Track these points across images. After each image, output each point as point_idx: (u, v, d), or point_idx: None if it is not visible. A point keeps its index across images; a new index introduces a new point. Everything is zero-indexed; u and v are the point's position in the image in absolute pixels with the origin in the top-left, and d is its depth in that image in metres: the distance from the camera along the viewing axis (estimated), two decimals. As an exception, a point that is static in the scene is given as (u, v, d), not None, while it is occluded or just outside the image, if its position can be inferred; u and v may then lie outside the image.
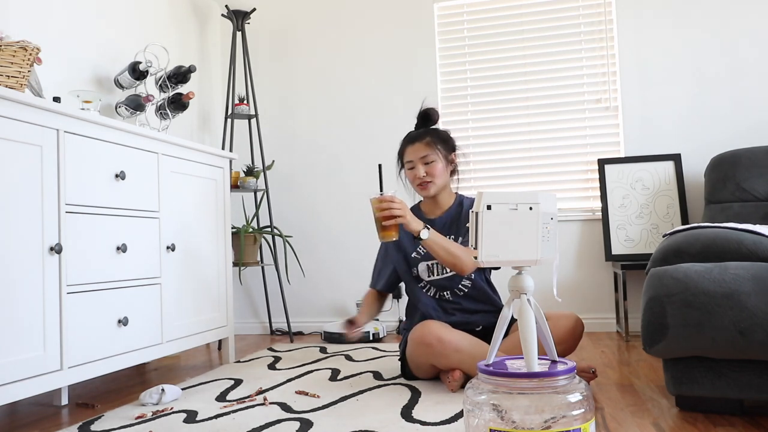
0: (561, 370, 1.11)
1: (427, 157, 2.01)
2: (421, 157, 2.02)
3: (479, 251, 1.13)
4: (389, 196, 1.82)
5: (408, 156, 2.05)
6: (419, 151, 2.03)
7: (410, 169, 2.05)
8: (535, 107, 3.19)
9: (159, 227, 2.15)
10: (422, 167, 2.02)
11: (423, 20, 3.33)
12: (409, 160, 2.04)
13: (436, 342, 1.83)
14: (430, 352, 1.85)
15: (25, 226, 1.61)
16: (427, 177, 2.02)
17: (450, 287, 2.03)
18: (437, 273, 2.04)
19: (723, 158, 2.62)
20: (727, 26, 2.96)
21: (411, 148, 2.05)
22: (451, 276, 2.02)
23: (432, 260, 2.04)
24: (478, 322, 2.02)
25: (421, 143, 2.04)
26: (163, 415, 1.69)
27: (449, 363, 1.84)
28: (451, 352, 1.82)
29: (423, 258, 2.05)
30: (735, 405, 1.52)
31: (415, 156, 2.03)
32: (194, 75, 3.20)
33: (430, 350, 1.85)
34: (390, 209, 1.79)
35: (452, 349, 1.82)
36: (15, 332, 1.56)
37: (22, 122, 1.60)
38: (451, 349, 1.82)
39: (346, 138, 3.41)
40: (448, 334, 1.85)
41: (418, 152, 2.02)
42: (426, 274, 2.05)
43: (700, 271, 1.48)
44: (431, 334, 1.84)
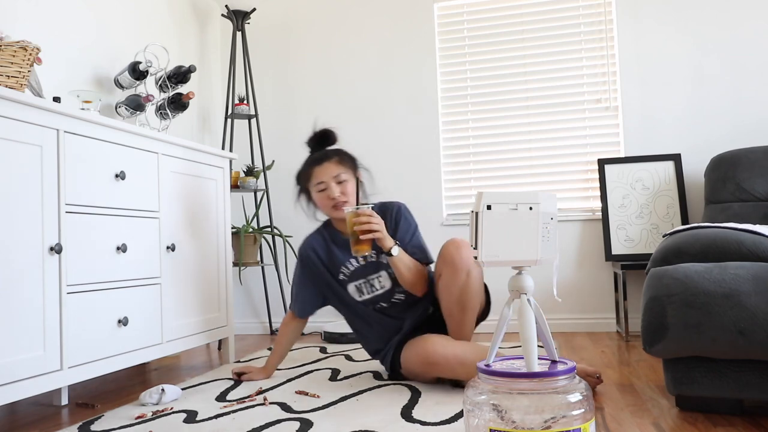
0: (561, 370, 1.11)
1: (339, 176, 1.96)
2: (334, 176, 1.95)
3: (479, 251, 1.13)
4: (368, 210, 1.81)
5: (318, 177, 1.96)
6: (330, 170, 1.96)
7: (321, 190, 1.96)
8: (535, 107, 3.19)
9: (159, 227, 2.15)
10: (336, 187, 1.95)
11: (423, 20, 3.33)
12: (321, 181, 1.96)
13: (442, 360, 1.80)
14: (436, 370, 1.83)
15: (25, 226, 1.61)
16: (341, 197, 1.95)
17: (386, 299, 2.00)
18: (367, 292, 2.00)
19: (723, 158, 2.62)
20: (727, 26, 2.96)
21: (320, 168, 1.96)
22: (384, 293, 1.99)
23: (359, 280, 1.99)
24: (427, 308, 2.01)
25: (330, 162, 1.97)
26: (163, 415, 1.69)
27: (455, 376, 1.82)
28: (456, 366, 1.79)
29: (350, 279, 2.00)
30: (735, 405, 1.52)
31: (326, 176, 1.95)
32: (194, 75, 3.20)
33: (436, 368, 1.82)
34: (369, 223, 1.79)
35: (457, 363, 1.79)
36: (15, 332, 1.56)
37: (22, 122, 1.60)
38: (456, 364, 1.79)
39: (345, 138, 3.40)
40: (451, 350, 1.81)
41: (330, 172, 1.95)
42: (357, 294, 2.01)
43: (700, 271, 1.48)
44: (436, 354, 1.81)
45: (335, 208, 1.96)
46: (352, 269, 2.00)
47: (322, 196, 1.97)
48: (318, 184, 1.96)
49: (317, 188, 1.97)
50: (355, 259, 1.99)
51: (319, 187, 1.97)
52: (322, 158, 1.99)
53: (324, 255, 2.04)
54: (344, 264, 2.01)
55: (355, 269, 2.00)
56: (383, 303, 2.00)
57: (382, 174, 3.34)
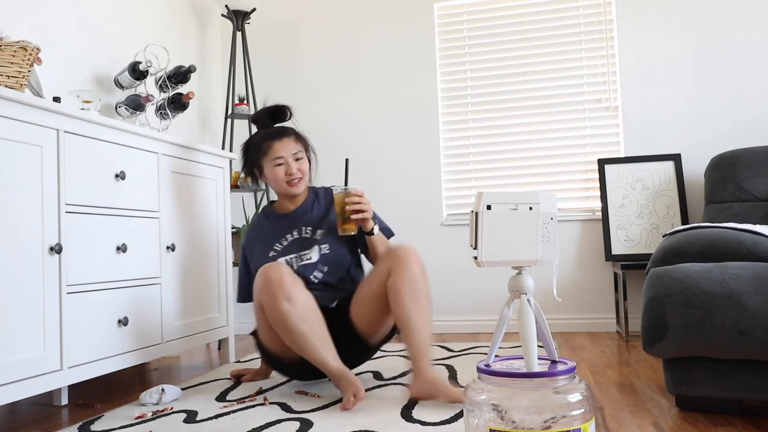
0: (561, 370, 1.11)
1: (297, 153, 1.97)
2: (294, 153, 1.96)
3: (479, 251, 1.13)
4: (359, 191, 1.84)
5: (278, 152, 1.94)
6: (290, 146, 1.96)
7: (278, 165, 1.95)
8: (535, 107, 3.19)
9: (159, 227, 2.15)
10: (294, 163, 1.95)
11: (423, 20, 3.33)
12: (279, 156, 1.94)
13: (276, 279, 1.71)
14: (265, 287, 1.72)
15: (25, 226, 1.61)
16: (298, 173, 1.96)
17: (304, 275, 1.92)
18: (295, 265, 1.96)
19: (723, 158, 2.62)
20: (727, 26, 2.96)
21: (280, 143, 1.95)
22: (306, 265, 1.94)
23: (290, 255, 1.96)
24: (330, 299, 1.94)
25: (289, 138, 1.97)
26: (163, 415, 1.69)
27: (276, 308, 1.71)
28: (282, 298, 1.69)
29: (281, 253, 1.97)
30: (735, 405, 1.52)
31: (286, 152, 1.95)
32: (194, 75, 3.19)
33: (266, 285, 1.72)
34: (359, 204, 1.82)
35: (286, 295, 1.70)
36: (15, 332, 1.56)
37: (22, 122, 1.60)
38: (284, 295, 1.70)
39: (345, 138, 3.41)
40: (291, 282, 1.73)
41: (289, 147, 1.95)
42: None
43: (700, 271, 1.48)
44: (277, 270, 1.72)
45: (290, 184, 1.96)
46: (285, 244, 1.99)
47: (278, 171, 1.95)
48: (276, 158, 1.95)
49: (274, 162, 1.95)
50: (290, 234, 1.99)
51: (277, 162, 1.95)
52: (280, 133, 1.98)
53: (259, 232, 2.04)
54: (279, 240, 1.99)
55: (291, 243, 1.99)
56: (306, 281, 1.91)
57: (382, 174, 3.34)
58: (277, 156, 1.95)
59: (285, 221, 2.03)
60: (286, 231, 2.01)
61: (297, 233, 2.00)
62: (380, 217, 2.04)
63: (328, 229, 1.99)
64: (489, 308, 3.15)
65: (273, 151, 1.95)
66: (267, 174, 2.00)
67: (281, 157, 1.95)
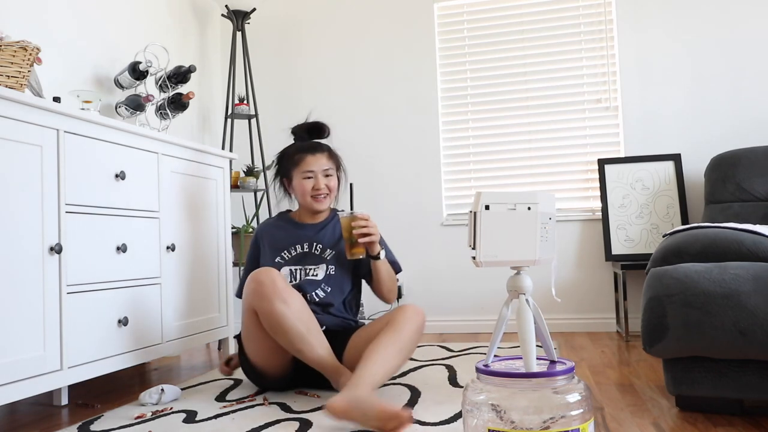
0: (560, 370, 1.11)
1: (328, 170, 2.00)
2: (324, 169, 1.99)
3: (477, 251, 1.13)
4: (366, 214, 1.86)
5: (309, 165, 1.98)
6: (322, 162, 1.99)
7: (307, 178, 1.98)
8: (535, 107, 3.19)
9: (159, 227, 2.15)
10: (323, 179, 1.98)
11: (423, 20, 3.33)
12: (310, 170, 1.97)
13: (269, 282, 1.69)
14: (258, 290, 1.69)
15: (25, 226, 1.61)
16: (325, 189, 1.99)
17: (306, 290, 1.92)
18: (299, 278, 1.96)
19: (723, 158, 2.62)
20: (726, 26, 2.96)
21: (313, 157, 1.98)
22: (312, 281, 1.94)
23: (296, 265, 1.96)
24: (323, 321, 1.88)
25: (323, 154, 2.00)
26: (163, 415, 1.69)
27: (271, 311, 1.67)
28: (278, 300, 1.67)
29: (287, 263, 1.98)
30: (735, 405, 1.52)
31: (317, 167, 1.98)
32: (194, 75, 3.20)
33: (259, 288, 1.69)
34: (367, 227, 1.83)
35: (281, 297, 1.68)
36: (15, 332, 1.56)
37: (22, 122, 1.61)
38: (279, 297, 1.68)
39: (345, 138, 3.41)
40: (284, 283, 1.72)
41: (321, 163, 1.99)
42: (288, 278, 1.96)
43: (700, 271, 1.48)
44: (268, 274, 1.71)
45: (315, 199, 1.98)
46: (294, 254, 1.99)
47: (306, 184, 1.98)
48: (306, 171, 1.97)
49: (304, 175, 1.98)
50: (301, 246, 1.99)
51: (306, 174, 1.98)
52: (315, 148, 2.01)
53: (273, 234, 2.03)
54: (289, 248, 1.99)
55: (299, 254, 1.99)
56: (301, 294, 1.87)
57: (382, 174, 3.34)
58: (308, 169, 1.97)
59: (299, 231, 2.03)
60: (296, 241, 2.01)
61: (308, 247, 2.00)
62: (390, 249, 2.07)
63: (338, 253, 2.00)
64: (488, 308, 3.15)
65: (304, 164, 1.98)
66: (295, 185, 2.01)
67: (312, 171, 1.97)
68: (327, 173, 2.00)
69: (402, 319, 1.75)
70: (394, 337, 1.70)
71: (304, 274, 1.97)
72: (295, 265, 1.97)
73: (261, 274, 1.73)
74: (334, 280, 1.97)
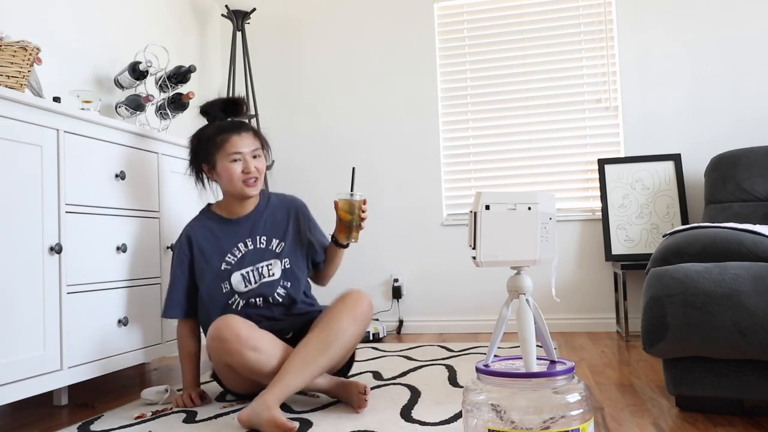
0: (559, 370, 1.11)
1: (256, 151, 1.81)
2: (252, 150, 1.80)
3: (477, 251, 1.13)
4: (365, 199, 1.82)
5: (236, 146, 1.77)
6: (249, 142, 1.80)
7: (234, 161, 1.78)
8: (535, 107, 3.19)
9: (159, 227, 2.15)
10: (252, 161, 1.79)
11: (423, 20, 3.33)
12: (237, 152, 1.77)
13: (233, 337, 1.60)
14: (224, 348, 1.62)
15: (25, 226, 1.61)
16: (256, 173, 1.80)
17: (266, 294, 1.80)
18: (255, 281, 1.80)
19: (723, 158, 2.62)
20: (726, 26, 2.96)
21: (239, 137, 1.78)
22: (271, 282, 1.80)
23: (247, 267, 1.81)
24: (287, 329, 1.83)
25: (248, 134, 1.81)
26: (163, 415, 1.69)
27: (245, 363, 1.62)
28: (247, 350, 1.60)
29: (236, 267, 1.81)
30: (735, 405, 1.52)
31: (246, 148, 1.78)
32: (194, 75, 3.20)
33: (224, 346, 1.61)
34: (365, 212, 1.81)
35: (250, 347, 1.61)
36: (15, 332, 1.56)
37: (22, 122, 1.61)
38: (248, 347, 1.60)
39: (345, 138, 3.41)
40: (247, 331, 1.63)
41: (249, 144, 1.79)
42: (242, 285, 1.80)
43: (700, 271, 1.48)
44: (229, 329, 1.61)
45: (246, 184, 1.79)
46: (239, 255, 1.82)
47: (234, 168, 1.78)
48: (233, 153, 1.78)
49: (231, 158, 1.78)
50: (243, 244, 1.83)
51: (233, 157, 1.78)
52: (239, 127, 1.82)
53: (206, 237, 1.84)
54: (231, 250, 1.82)
55: (245, 255, 1.82)
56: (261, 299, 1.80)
57: (383, 173, 3.34)
58: (235, 151, 1.77)
59: (235, 228, 1.85)
60: (237, 239, 1.84)
61: (251, 243, 1.84)
62: None
63: (290, 240, 1.86)
64: (488, 308, 3.15)
65: (230, 145, 1.78)
66: (220, 170, 1.81)
67: (239, 152, 1.78)
68: (255, 154, 1.81)
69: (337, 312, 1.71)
70: (321, 334, 1.66)
71: (259, 274, 1.81)
72: (246, 267, 1.81)
73: (222, 331, 1.62)
74: (291, 274, 1.84)
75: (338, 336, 1.67)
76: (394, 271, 3.27)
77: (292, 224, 1.90)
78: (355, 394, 1.64)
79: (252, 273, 1.81)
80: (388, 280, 3.28)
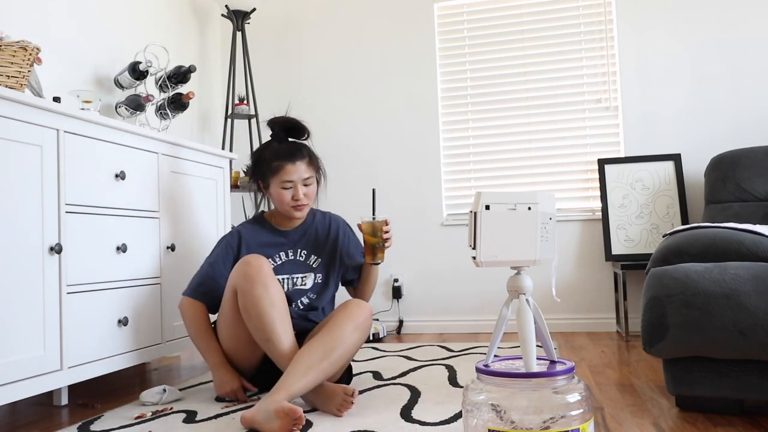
0: (559, 370, 1.11)
1: (308, 180, 1.90)
2: (304, 178, 1.89)
3: (477, 251, 1.13)
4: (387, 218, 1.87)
5: (288, 175, 1.87)
6: (301, 171, 1.89)
7: (287, 188, 1.89)
8: (535, 107, 3.19)
9: (159, 227, 2.15)
10: (302, 189, 1.89)
11: (423, 20, 3.33)
12: (289, 180, 1.88)
13: (256, 264, 1.70)
14: (243, 271, 1.70)
15: (25, 226, 1.61)
16: (305, 199, 1.90)
17: (292, 299, 1.92)
18: (288, 288, 1.93)
19: (723, 158, 2.62)
20: (726, 26, 2.96)
21: (293, 166, 1.88)
22: (300, 290, 1.94)
23: (283, 275, 1.92)
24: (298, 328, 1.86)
25: (303, 162, 1.90)
26: (163, 415, 1.69)
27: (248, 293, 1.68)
28: (259, 283, 1.68)
29: (277, 272, 1.91)
30: (735, 405, 1.52)
31: (297, 176, 1.88)
32: (194, 75, 3.20)
33: (245, 269, 1.70)
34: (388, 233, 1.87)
35: (262, 282, 1.68)
36: (15, 332, 1.56)
37: (22, 122, 1.60)
38: (260, 281, 1.68)
39: (345, 138, 3.41)
40: (269, 270, 1.72)
41: (300, 173, 1.89)
42: None
43: (700, 271, 1.48)
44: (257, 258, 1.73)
45: (294, 209, 1.91)
46: (280, 263, 1.95)
47: (284, 194, 1.89)
48: (285, 182, 1.88)
49: (282, 185, 1.89)
50: (285, 253, 1.96)
51: (285, 184, 1.89)
52: (293, 154, 1.89)
53: (256, 240, 1.95)
54: (273, 257, 1.95)
55: (284, 263, 1.95)
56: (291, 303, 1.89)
57: (382, 174, 3.34)
58: (287, 179, 1.88)
59: (281, 238, 1.98)
60: (279, 248, 1.96)
61: (292, 254, 1.97)
62: None
63: (327, 258, 1.99)
64: (489, 308, 3.15)
65: (283, 173, 1.88)
66: (272, 192, 1.93)
67: (291, 181, 1.88)
68: (306, 183, 1.90)
69: (339, 319, 1.72)
70: (324, 339, 1.67)
71: (292, 284, 1.95)
72: (283, 274, 1.94)
73: (251, 257, 1.74)
74: (320, 288, 1.98)
75: (342, 342, 1.68)
76: (394, 271, 3.27)
77: (331, 243, 2.01)
78: (340, 395, 1.61)
79: (287, 281, 1.94)
80: (388, 280, 3.28)
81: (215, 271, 1.92)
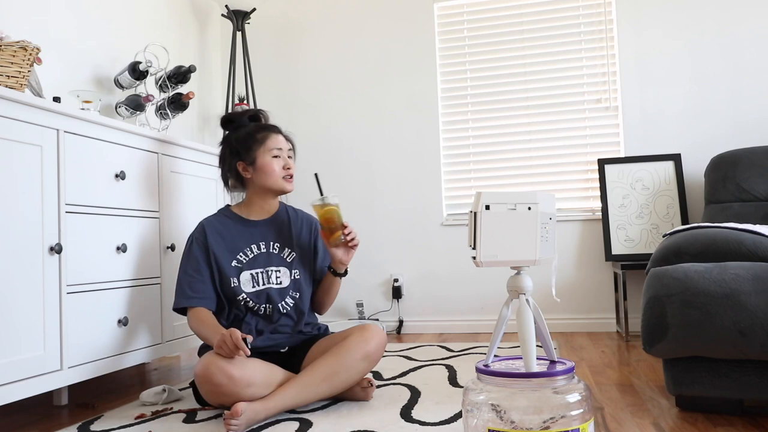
0: (559, 370, 1.11)
1: (290, 152, 1.90)
2: (288, 148, 1.88)
3: (477, 251, 1.13)
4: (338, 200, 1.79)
5: (276, 143, 1.85)
6: (285, 143, 1.89)
7: (276, 156, 1.85)
8: (535, 107, 3.19)
9: (159, 227, 2.15)
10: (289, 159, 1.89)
11: (423, 20, 3.33)
12: (278, 147, 1.85)
13: (226, 380, 1.53)
14: (218, 391, 1.55)
15: (25, 226, 1.61)
16: (293, 170, 1.89)
17: (275, 302, 1.80)
18: (262, 283, 1.81)
19: (723, 158, 2.62)
20: (726, 26, 2.96)
21: (276, 136, 1.87)
22: (280, 290, 1.82)
23: (257, 269, 1.82)
24: (283, 344, 1.82)
25: (282, 135, 1.90)
26: (163, 415, 1.69)
27: (241, 399, 1.55)
28: (242, 388, 1.55)
29: (246, 266, 1.81)
30: (735, 405, 1.52)
31: (284, 145, 1.87)
32: (194, 75, 3.20)
33: (218, 389, 1.55)
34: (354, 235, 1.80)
35: (244, 384, 1.55)
36: (15, 332, 1.56)
37: (22, 122, 1.60)
38: (242, 385, 1.55)
39: (345, 138, 3.41)
40: (239, 369, 1.55)
41: (285, 144, 1.88)
42: (249, 284, 1.80)
43: (700, 271, 1.48)
44: (220, 372, 1.53)
45: (286, 180, 1.87)
46: (251, 256, 1.83)
47: (275, 163, 1.85)
48: (275, 149, 1.85)
49: (272, 153, 1.84)
50: (257, 246, 1.85)
51: (275, 152, 1.85)
52: (274, 128, 1.90)
53: (221, 233, 1.84)
54: (244, 250, 1.84)
55: (257, 256, 1.84)
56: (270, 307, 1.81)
57: (382, 174, 3.34)
58: (277, 147, 1.85)
59: (251, 229, 1.87)
60: (250, 240, 1.85)
61: (264, 246, 1.86)
62: None
63: (300, 253, 1.89)
64: (489, 308, 3.15)
65: (271, 141, 1.85)
66: (261, 165, 1.83)
67: (280, 149, 1.86)
68: (290, 154, 1.90)
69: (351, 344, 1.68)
70: (329, 362, 1.65)
71: (267, 278, 1.82)
72: (257, 268, 1.83)
73: (213, 376, 1.54)
74: (300, 285, 1.86)
75: (346, 369, 1.67)
76: (394, 271, 3.27)
77: (304, 239, 1.93)
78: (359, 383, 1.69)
79: (261, 275, 1.83)
80: (388, 280, 3.28)
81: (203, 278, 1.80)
